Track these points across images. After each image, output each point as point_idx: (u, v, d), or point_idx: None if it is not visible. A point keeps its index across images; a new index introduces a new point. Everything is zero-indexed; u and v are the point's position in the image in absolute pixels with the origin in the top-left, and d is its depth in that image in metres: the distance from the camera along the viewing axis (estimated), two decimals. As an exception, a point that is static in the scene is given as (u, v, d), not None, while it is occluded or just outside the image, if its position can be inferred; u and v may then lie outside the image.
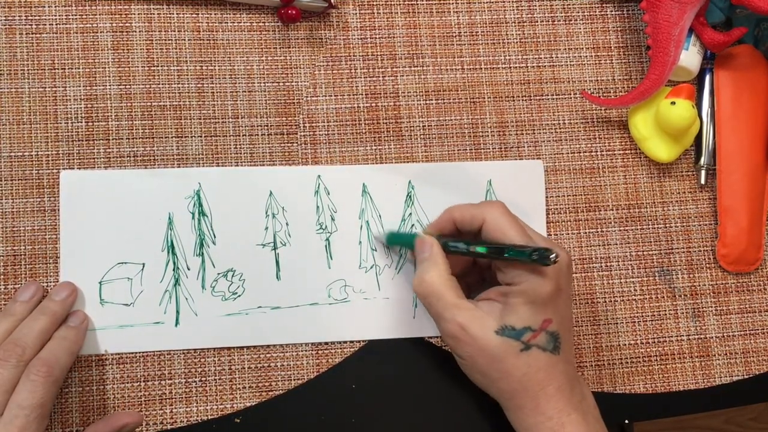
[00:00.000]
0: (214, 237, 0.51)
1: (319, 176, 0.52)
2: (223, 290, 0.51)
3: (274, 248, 0.51)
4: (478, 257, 0.48)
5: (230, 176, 0.52)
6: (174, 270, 0.51)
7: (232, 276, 0.51)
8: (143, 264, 0.51)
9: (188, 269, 0.51)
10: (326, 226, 0.52)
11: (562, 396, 0.44)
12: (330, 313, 0.51)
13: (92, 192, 0.51)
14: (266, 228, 0.52)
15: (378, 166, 0.53)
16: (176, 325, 0.50)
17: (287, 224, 0.52)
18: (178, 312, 0.51)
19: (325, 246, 0.52)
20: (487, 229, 0.46)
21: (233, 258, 0.51)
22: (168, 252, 0.51)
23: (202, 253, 0.51)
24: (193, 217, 0.51)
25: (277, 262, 0.51)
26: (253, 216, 0.52)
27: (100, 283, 0.50)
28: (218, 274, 0.51)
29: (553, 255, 0.42)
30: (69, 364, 0.47)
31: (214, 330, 0.51)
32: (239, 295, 0.51)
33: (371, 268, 0.52)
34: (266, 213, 0.52)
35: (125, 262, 0.50)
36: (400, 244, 0.52)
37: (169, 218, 0.51)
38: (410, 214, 0.53)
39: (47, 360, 0.45)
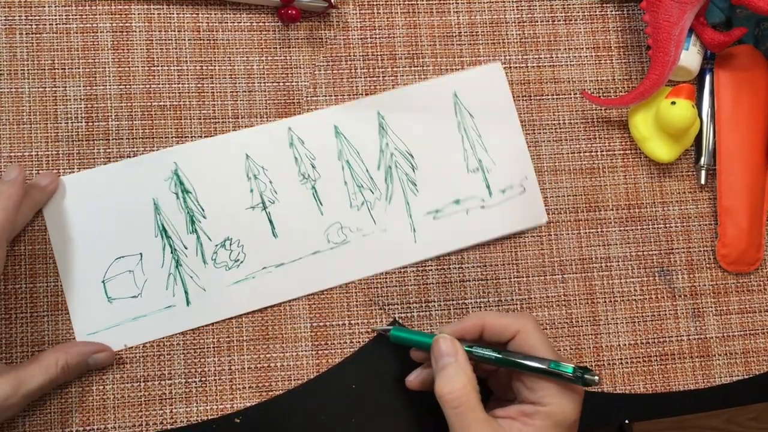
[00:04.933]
0: (203, 211, 0.51)
1: (289, 128, 0.53)
2: (225, 260, 0.51)
3: (264, 208, 0.52)
4: (510, 367, 0.45)
5: (203, 149, 0.52)
6: (172, 252, 0.51)
7: (230, 244, 0.51)
8: (140, 254, 0.51)
9: (186, 248, 0.51)
10: (309, 175, 0.52)
11: None
12: (333, 258, 0.52)
13: (72, 196, 0.51)
14: (251, 190, 0.52)
15: (344, 104, 0.54)
16: (188, 305, 0.51)
17: (271, 182, 0.52)
18: (186, 292, 0.51)
19: (313, 194, 0.52)
20: (519, 342, 0.45)
21: (227, 227, 0.51)
22: (162, 236, 0.51)
23: (196, 229, 0.51)
24: (177, 197, 0.51)
25: (271, 221, 0.52)
26: (235, 182, 0.52)
27: (103, 282, 0.50)
28: (216, 245, 0.51)
29: (596, 376, 0.41)
30: (6, 221, 0.45)
31: (226, 300, 0.51)
32: (242, 261, 0.51)
33: (362, 204, 0.53)
34: (247, 176, 0.52)
35: (122, 256, 0.50)
36: (407, 342, 0.48)
37: (154, 203, 0.51)
38: (386, 144, 0.53)
39: None
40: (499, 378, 0.49)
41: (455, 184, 0.54)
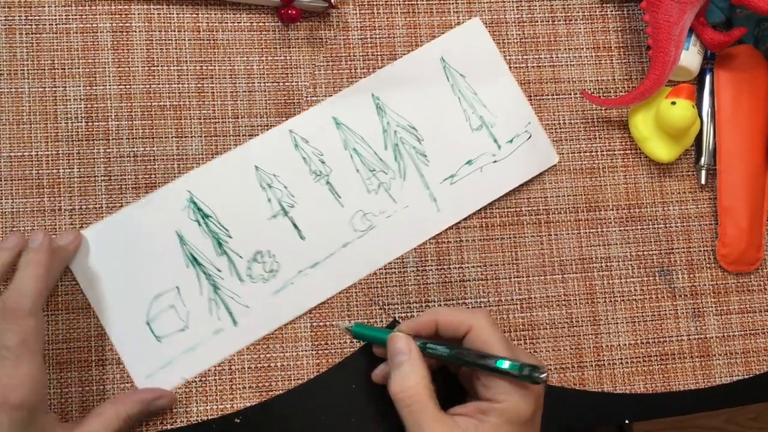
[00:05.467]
0: (227, 231, 0.51)
1: (290, 131, 0.53)
2: (260, 273, 0.51)
3: (285, 214, 0.52)
4: (462, 365, 0.45)
5: (212, 171, 0.52)
6: (207, 278, 0.51)
7: (262, 257, 0.51)
8: (177, 287, 0.51)
9: (219, 271, 0.51)
10: (321, 171, 0.53)
11: None
12: (364, 245, 0.52)
13: (95, 247, 0.50)
14: (269, 200, 0.52)
15: (337, 95, 0.54)
16: (235, 325, 0.51)
17: (285, 187, 0.52)
18: (230, 313, 0.51)
19: (329, 189, 0.53)
20: (472, 338, 0.44)
21: (254, 241, 0.52)
22: (193, 265, 0.51)
23: (225, 251, 0.51)
24: (199, 224, 0.51)
25: (295, 225, 0.52)
26: (251, 195, 0.52)
27: (147, 323, 0.50)
28: (248, 261, 0.51)
29: (544, 374, 0.41)
30: (40, 289, 0.44)
31: (272, 312, 0.51)
32: (277, 271, 0.51)
33: (379, 187, 0.53)
34: (261, 186, 0.52)
35: (160, 294, 0.50)
36: (367, 339, 0.50)
37: (178, 235, 0.51)
38: (388, 123, 0.53)
39: (10, 296, 0.43)
40: (465, 375, 0.49)
41: (463, 146, 0.54)
